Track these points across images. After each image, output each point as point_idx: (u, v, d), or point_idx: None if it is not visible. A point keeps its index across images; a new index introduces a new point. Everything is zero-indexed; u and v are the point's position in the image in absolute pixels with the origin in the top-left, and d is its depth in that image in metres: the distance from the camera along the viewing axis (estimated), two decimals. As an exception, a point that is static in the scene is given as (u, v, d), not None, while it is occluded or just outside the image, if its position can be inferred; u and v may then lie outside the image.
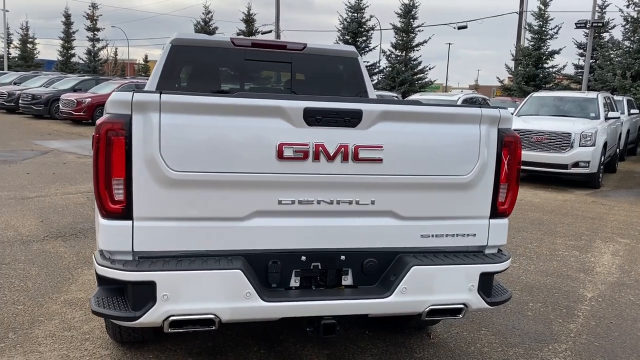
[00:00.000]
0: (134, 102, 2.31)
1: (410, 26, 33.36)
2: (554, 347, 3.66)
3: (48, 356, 3.22)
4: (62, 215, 6.62)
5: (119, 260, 2.41)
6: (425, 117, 2.65)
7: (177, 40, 4.37)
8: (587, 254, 6.00)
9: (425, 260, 2.64)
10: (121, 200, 2.38)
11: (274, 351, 3.41)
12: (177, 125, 2.36)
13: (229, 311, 2.42)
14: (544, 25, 27.58)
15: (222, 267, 2.41)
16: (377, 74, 35.15)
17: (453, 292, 2.66)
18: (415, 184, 2.64)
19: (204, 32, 39.26)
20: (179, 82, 4.59)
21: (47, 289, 4.28)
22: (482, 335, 3.80)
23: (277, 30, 35.34)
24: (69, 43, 46.99)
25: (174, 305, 2.36)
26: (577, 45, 29.10)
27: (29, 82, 25.65)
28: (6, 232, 5.77)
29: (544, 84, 26.90)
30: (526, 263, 5.56)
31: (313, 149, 2.46)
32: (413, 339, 3.68)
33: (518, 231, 6.92)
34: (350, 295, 2.62)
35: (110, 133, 2.33)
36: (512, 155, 2.76)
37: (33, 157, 11.49)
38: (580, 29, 23.29)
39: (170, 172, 2.37)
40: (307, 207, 2.54)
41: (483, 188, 2.74)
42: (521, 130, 10.90)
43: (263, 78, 5.01)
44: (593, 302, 4.55)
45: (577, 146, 10.38)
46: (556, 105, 12.49)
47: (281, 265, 2.57)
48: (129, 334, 3.22)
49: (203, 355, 3.32)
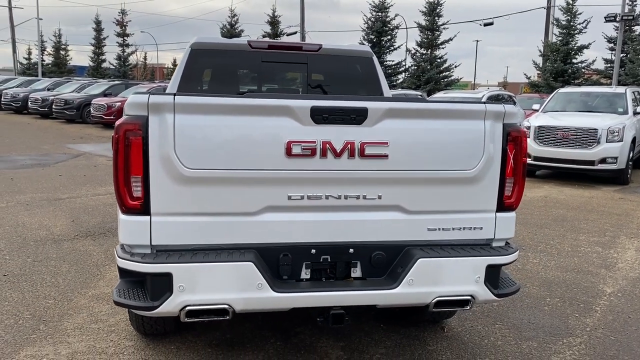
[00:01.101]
0: (150, 103, 2.45)
1: (435, 24, 33.18)
2: (568, 341, 3.68)
3: (76, 347, 3.40)
4: (92, 215, 6.87)
5: (138, 253, 2.55)
6: (429, 114, 2.72)
7: (196, 44, 4.53)
8: (609, 250, 5.94)
9: (432, 253, 2.71)
10: (139, 196, 2.52)
11: (290, 343, 3.52)
12: (190, 125, 2.49)
13: (242, 301, 2.54)
14: (572, 20, 27.11)
15: (234, 259, 2.53)
16: (402, 72, 35.04)
17: (459, 284, 2.72)
18: (421, 179, 2.71)
19: (230, 35, 39.73)
20: (199, 84, 4.74)
21: (76, 284, 4.48)
22: (497, 329, 3.84)
23: (302, 32, 35.52)
24: (100, 49, 48.12)
25: (189, 295, 2.49)
26: (607, 40, 28.50)
27: (62, 88, 26.41)
28: (39, 232, 6.03)
29: (573, 80, 26.44)
30: (546, 259, 5.55)
31: (320, 146, 2.56)
32: (427, 332, 3.75)
33: (540, 228, 6.89)
34: (359, 286, 2.71)
35: (129, 133, 2.47)
36: (518, 150, 2.81)
37: (65, 160, 11.88)
38: (609, 22, 22.81)
39: (185, 169, 2.50)
40: (316, 202, 2.65)
41: (489, 182, 2.79)
42: (546, 127, 10.80)
43: (280, 79, 5.13)
44: (612, 297, 4.53)
45: (604, 142, 10.22)
46: (583, 101, 12.29)
47: (292, 258, 2.67)
48: (152, 326, 3.38)
49: (222, 346, 3.45)
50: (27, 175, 9.72)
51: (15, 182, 9.05)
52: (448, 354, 3.45)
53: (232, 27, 41.01)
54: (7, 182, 9.04)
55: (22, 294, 4.24)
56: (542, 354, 3.48)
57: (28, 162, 11.47)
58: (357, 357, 3.37)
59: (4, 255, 5.19)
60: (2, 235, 5.86)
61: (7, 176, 9.57)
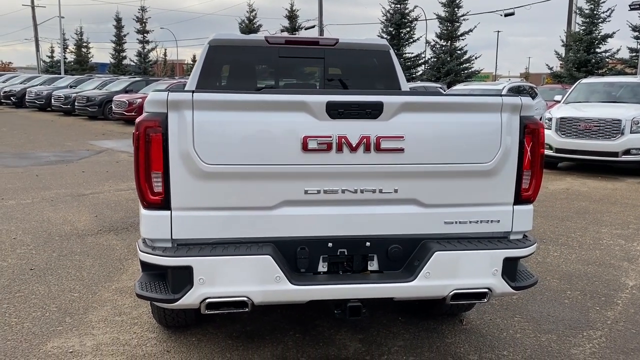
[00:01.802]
0: (169, 101, 2.50)
1: (454, 15, 32.87)
2: (588, 334, 3.66)
3: (101, 339, 3.49)
4: (115, 210, 7.00)
5: (159, 247, 2.61)
6: (445, 107, 2.72)
7: (214, 40, 4.58)
8: (633, 243, 5.86)
9: (449, 246, 2.72)
10: (160, 192, 2.58)
11: (309, 335, 3.57)
12: (209, 121, 2.54)
13: (260, 294, 2.58)
14: (595, 9, 26.61)
15: (253, 252, 2.57)
16: (421, 65, 34.78)
17: (477, 276, 2.73)
18: (437, 172, 2.72)
19: (248, 30, 39.88)
20: (218, 80, 4.80)
21: (100, 278, 4.59)
22: (516, 322, 3.83)
23: (320, 25, 35.48)
24: (120, 46, 48.76)
25: (209, 288, 2.54)
26: (632, 28, 27.87)
27: (84, 85, 26.82)
28: (64, 227, 6.17)
29: (597, 70, 25.97)
30: (567, 252, 5.50)
31: (336, 141, 2.58)
32: (445, 325, 3.76)
33: (562, 220, 6.82)
34: (376, 279, 2.73)
35: (149, 130, 2.53)
36: (535, 142, 2.79)
37: (88, 157, 12.10)
38: (634, 10, 22.34)
39: (204, 165, 2.54)
40: (332, 197, 2.67)
41: (506, 175, 2.79)
42: (568, 118, 10.65)
43: (297, 74, 5.16)
44: (634, 290, 4.47)
45: (629, 133, 10.05)
46: (607, 92, 12.08)
47: (309, 251, 2.71)
48: (173, 318, 3.45)
49: (242, 338, 3.51)
50: (51, 172, 9.93)
51: (40, 178, 9.25)
52: (466, 347, 3.46)
53: (250, 22, 41.17)
54: (33, 178, 9.24)
55: (49, 287, 4.36)
56: (561, 347, 3.47)
57: (52, 158, 11.70)
58: (375, 349, 3.40)
59: (30, 250, 5.33)
60: (29, 230, 6.01)
61: (32, 172, 9.79)
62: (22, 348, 3.35)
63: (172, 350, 3.35)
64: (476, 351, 3.40)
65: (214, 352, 3.33)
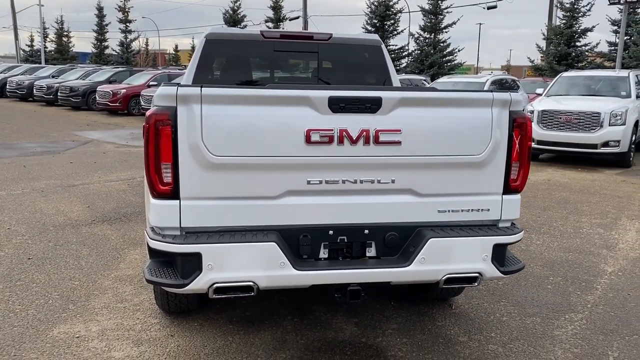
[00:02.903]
0: (178, 95, 2.62)
1: (438, 8, 33.07)
2: (570, 317, 3.88)
3: (105, 324, 3.61)
4: (107, 201, 7.07)
5: (169, 235, 2.74)
6: (440, 102, 2.88)
7: (210, 35, 4.68)
8: (611, 232, 6.12)
9: (442, 233, 2.89)
10: (169, 182, 2.70)
11: (307, 319, 3.72)
12: (216, 115, 2.66)
13: (265, 279, 2.73)
14: (575, 3, 27.03)
15: (258, 240, 2.71)
16: (405, 57, 34.99)
17: (468, 261, 2.90)
18: (432, 164, 2.88)
19: (232, 20, 39.65)
20: (214, 73, 4.90)
21: (98, 267, 4.68)
22: (502, 306, 4.04)
23: (304, 16, 35.46)
24: (103, 35, 48.13)
25: (217, 273, 2.68)
26: (611, 22, 28.40)
27: (66, 75, 26.50)
28: (57, 217, 6.23)
29: (577, 63, 26.43)
30: (550, 240, 5.73)
31: (337, 134, 2.73)
32: (435, 309, 3.95)
33: (544, 210, 7.06)
34: (374, 265, 2.89)
35: (159, 123, 2.64)
36: (523, 136, 2.97)
37: (74, 148, 12.07)
38: (614, 5, 22.76)
39: (212, 156, 2.67)
40: (333, 187, 2.82)
41: (496, 166, 2.96)
42: (549, 111, 10.93)
43: (291, 68, 5.28)
44: (612, 276, 4.71)
45: (607, 125, 10.35)
46: (586, 85, 12.38)
47: (311, 239, 2.85)
48: (176, 304, 3.58)
49: (242, 323, 3.66)
50: (38, 162, 9.92)
51: (28, 169, 9.25)
52: (456, 329, 3.65)
53: (234, 13, 40.90)
54: (20, 169, 9.24)
55: (49, 276, 4.45)
56: (545, 329, 3.68)
57: (38, 149, 11.66)
58: (370, 332, 3.57)
59: (26, 240, 5.40)
60: (22, 220, 6.07)
61: (19, 163, 9.77)
62: (29, 334, 3.46)
63: (176, 335, 3.48)
64: (465, 333, 3.60)
65: (216, 335, 3.47)
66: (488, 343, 3.47)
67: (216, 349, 3.32)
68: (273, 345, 3.38)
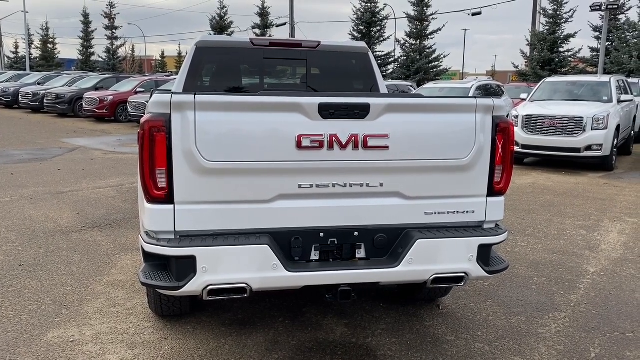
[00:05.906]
0: (172, 102, 2.69)
1: (424, 14, 33.42)
2: (554, 315, 3.99)
3: (99, 328, 3.65)
4: (96, 207, 7.09)
5: (164, 238, 2.80)
6: (426, 108, 2.98)
7: (201, 42, 4.76)
8: (594, 233, 6.27)
9: (429, 234, 2.98)
10: (164, 187, 2.77)
11: (298, 321, 3.80)
12: (210, 121, 2.73)
13: (258, 280, 2.80)
14: (558, 9, 27.47)
15: (251, 242, 2.78)
16: (391, 63, 35.26)
17: (454, 262, 3.00)
18: (418, 168, 2.98)
19: (219, 27, 39.69)
20: (204, 80, 4.97)
21: (90, 272, 4.72)
22: (488, 306, 4.14)
23: (291, 23, 35.61)
24: (88, 42, 47.89)
25: (211, 276, 2.74)
26: (593, 28, 28.92)
27: (52, 82, 26.36)
28: (47, 224, 6.25)
29: (560, 69, 26.85)
30: (534, 242, 5.86)
31: (328, 139, 2.81)
32: (423, 309, 4.04)
33: (528, 213, 7.20)
34: (363, 266, 2.98)
35: (153, 130, 2.71)
36: (506, 140, 3.08)
37: (62, 155, 12.04)
38: (595, 11, 23.19)
39: (205, 162, 2.74)
40: (324, 190, 2.90)
41: (480, 169, 3.06)
42: (533, 116, 11.12)
43: (280, 75, 5.37)
44: (595, 276, 4.84)
45: (590, 130, 10.56)
46: (569, 90, 12.63)
47: (302, 241, 2.93)
48: (169, 308, 3.63)
49: (234, 325, 3.72)
50: (26, 170, 9.89)
51: (16, 176, 9.22)
52: (443, 329, 3.74)
53: (221, 19, 40.97)
54: (8, 176, 9.21)
55: (40, 282, 4.47)
56: (530, 327, 3.79)
57: (25, 156, 11.62)
58: (360, 332, 3.66)
59: (16, 246, 5.41)
60: (12, 227, 6.07)
61: (7, 171, 9.73)
62: (24, 339, 3.49)
63: (170, 338, 3.53)
64: (453, 332, 3.69)
65: (209, 338, 3.53)
66: (475, 342, 3.57)
67: (209, 350, 3.38)
68: (265, 346, 3.45)
